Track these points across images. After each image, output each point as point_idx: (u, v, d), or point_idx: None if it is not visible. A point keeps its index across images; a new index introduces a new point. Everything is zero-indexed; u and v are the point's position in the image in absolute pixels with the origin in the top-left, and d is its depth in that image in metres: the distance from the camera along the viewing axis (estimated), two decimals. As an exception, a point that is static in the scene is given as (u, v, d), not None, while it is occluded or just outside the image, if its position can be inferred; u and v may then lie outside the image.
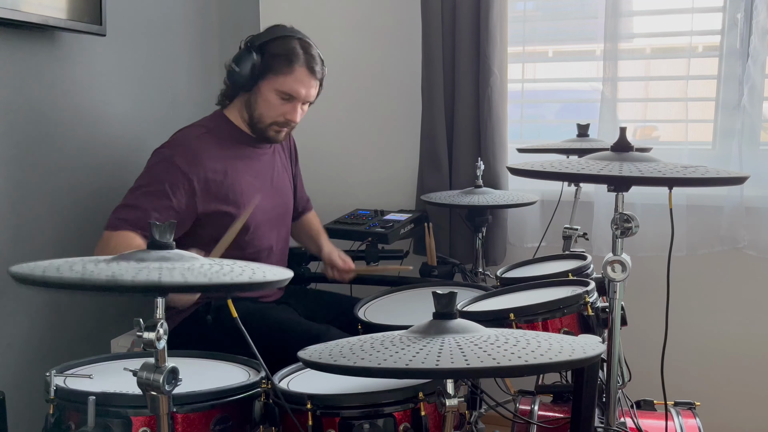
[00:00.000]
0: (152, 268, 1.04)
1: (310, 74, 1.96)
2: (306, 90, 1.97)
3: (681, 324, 2.19)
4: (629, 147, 1.45)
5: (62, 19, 1.83)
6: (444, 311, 1.17)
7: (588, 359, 1.05)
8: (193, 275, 1.03)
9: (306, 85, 1.96)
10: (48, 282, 0.99)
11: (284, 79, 1.93)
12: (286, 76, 1.93)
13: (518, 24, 2.59)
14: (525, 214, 2.55)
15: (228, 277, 1.05)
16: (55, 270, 1.01)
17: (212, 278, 1.03)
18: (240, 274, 1.09)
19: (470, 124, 2.50)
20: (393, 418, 1.30)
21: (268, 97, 1.95)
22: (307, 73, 1.95)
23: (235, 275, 1.07)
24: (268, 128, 1.99)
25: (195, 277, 1.03)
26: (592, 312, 1.53)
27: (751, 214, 2.32)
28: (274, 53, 1.94)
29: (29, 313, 1.90)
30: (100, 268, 1.03)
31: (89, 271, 1.01)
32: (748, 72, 2.27)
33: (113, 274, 0.99)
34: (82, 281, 0.98)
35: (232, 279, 1.05)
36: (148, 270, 1.03)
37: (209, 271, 1.06)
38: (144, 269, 1.03)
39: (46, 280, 0.99)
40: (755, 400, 2.42)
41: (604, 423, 1.57)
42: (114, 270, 1.01)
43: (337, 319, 2.00)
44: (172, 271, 1.03)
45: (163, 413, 1.09)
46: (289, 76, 1.93)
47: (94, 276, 0.98)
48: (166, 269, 1.04)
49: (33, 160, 1.89)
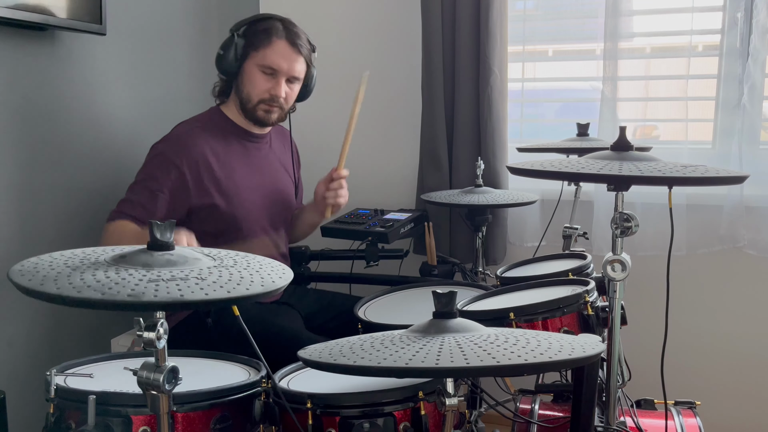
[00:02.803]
0: (163, 281, 1.03)
1: (291, 47, 1.98)
2: (288, 64, 1.98)
3: (681, 323, 2.19)
4: (629, 146, 1.45)
5: (62, 19, 1.83)
6: (444, 310, 1.17)
7: (588, 358, 1.05)
8: (190, 292, 1.01)
9: (287, 59, 1.97)
10: (66, 299, 0.99)
11: (264, 53, 1.96)
12: (266, 49, 1.96)
13: (518, 23, 2.59)
14: (525, 214, 2.55)
15: (224, 290, 1.04)
16: (73, 290, 1.00)
17: (209, 294, 1.02)
18: (237, 285, 1.07)
19: (470, 124, 2.50)
20: (393, 417, 1.29)
21: (252, 74, 1.98)
22: (287, 45, 1.97)
23: (231, 287, 1.05)
24: (256, 107, 2.01)
25: (192, 293, 1.01)
26: (592, 311, 1.53)
27: (751, 213, 2.32)
28: (255, 31, 1.98)
29: (29, 313, 1.90)
30: (104, 280, 1.02)
31: (105, 287, 1.00)
32: (748, 71, 2.27)
33: (134, 292, 0.99)
34: (102, 300, 0.98)
35: (229, 292, 1.03)
36: (167, 285, 1.02)
37: (206, 281, 1.05)
38: (159, 283, 1.02)
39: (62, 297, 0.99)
40: (755, 400, 2.42)
41: (604, 422, 1.57)
42: (122, 284, 1.01)
43: (337, 319, 2.00)
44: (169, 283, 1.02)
45: (163, 412, 1.09)
46: (269, 48, 1.96)
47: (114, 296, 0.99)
48: (163, 283, 1.02)
49: (33, 159, 1.90)
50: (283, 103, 2.03)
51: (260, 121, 2.03)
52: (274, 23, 1.99)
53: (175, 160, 1.89)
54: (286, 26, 2.00)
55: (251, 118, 2.03)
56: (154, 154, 1.93)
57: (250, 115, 2.02)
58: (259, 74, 1.97)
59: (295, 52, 1.99)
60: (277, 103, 2.01)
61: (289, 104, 2.06)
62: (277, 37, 1.97)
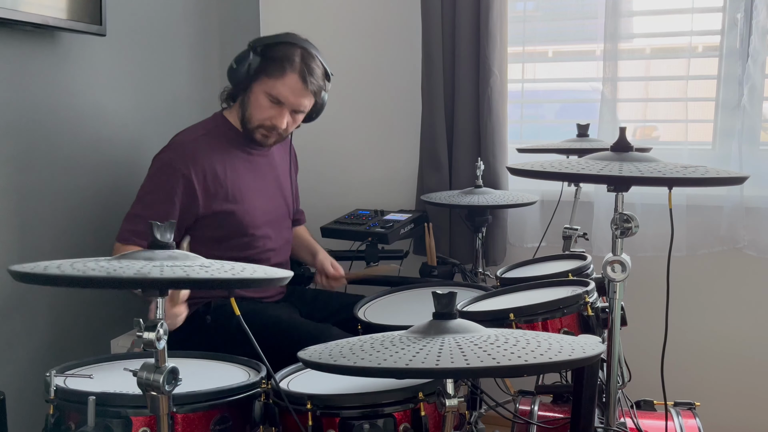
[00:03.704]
0: (154, 265, 1.05)
1: (301, 83, 1.94)
2: (295, 99, 1.95)
3: (681, 324, 2.19)
4: (629, 147, 1.45)
5: (62, 19, 1.84)
6: (444, 311, 1.16)
7: (588, 359, 1.05)
8: (195, 272, 1.04)
9: (295, 94, 1.94)
10: (51, 278, 1.00)
11: (274, 83, 1.93)
12: (277, 80, 1.93)
13: (518, 24, 2.59)
14: (525, 214, 2.55)
15: (229, 273, 1.07)
16: (56, 268, 1.02)
17: (213, 274, 1.04)
18: (241, 271, 1.10)
19: (470, 124, 2.50)
20: (393, 418, 1.30)
21: (258, 99, 1.95)
22: (298, 80, 1.93)
23: (236, 272, 1.08)
24: (255, 130, 1.99)
25: (197, 273, 1.03)
26: (592, 312, 1.53)
27: (751, 214, 2.32)
28: (272, 56, 1.94)
29: (29, 313, 1.90)
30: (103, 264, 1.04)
31: (111, 269, 1.02)
32: (748, 72, 2.27)
33: (140, 271, 1.01)
34: (108, 278, 0.99)
35: (234, 275, 1.06)
36: (151, 266, 1.04)
37: (210, 268, 1.07)
38: (164, 267, 1.04)
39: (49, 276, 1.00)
40: (755, 400, 2.42)
41: (604, 423, 1.57)
42: (126, 267, 1.03)
43: (337, 319, 2.00)
44: (174, 268, 1.04)
45: (163, 413, 1.09)
46: (279, 80, 1.92)
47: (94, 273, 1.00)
48: (167, 267, 1.05)
49: (33, 159, 1.90)
50: (283, 133, 2.01)
51: (257, 142, 2.02)
52: (293, 52, 1.93)
53: (183, 169, 1.87)
54: (304, 59, 1.94)
55: (248, 137, 2.02)
56: (160, 165, 1.90)
57: (248, 135, 2.01)
58: (265, 100, 1.95)
59: (304, 89, 1.95)
60: (276, 132, 2.00)
61: (288, 132, 2.04)
62: (291, 71, 1.92)
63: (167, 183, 1.86)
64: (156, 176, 1.90)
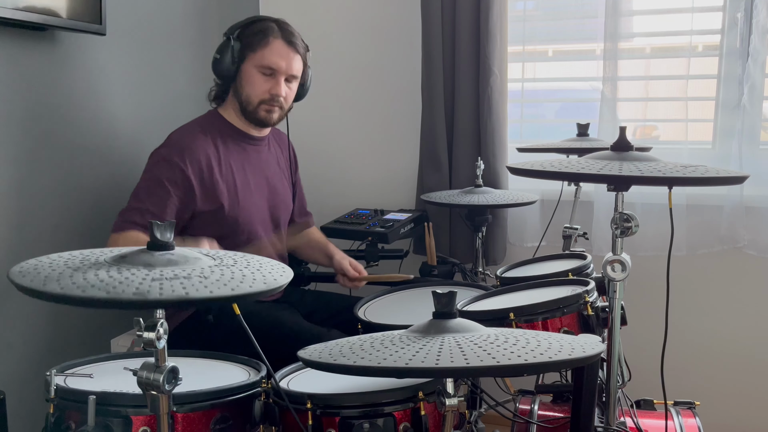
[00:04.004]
0: (166, 279, 1.03)
1: (287, 45, 1.99)
2: (286, 62, 1.99)
3: (681, 324, 2.19)
4: (629, 146, 1.45)
5: (62, 19, 1.83)
6: (444, 311, 1.16)
7: (588, 358, 1.05)
8: (194, 289, 1.01)
9: (285, 57, 1.99)
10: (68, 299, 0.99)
11: (262, 53, 1.97)
12: (264, 50, 1.97)
13: (518, 23, 2.59)
14: (525, 214, 2.55)
15: (228, 288, 1.04)
16: (77, 289, 0.99)
17: (213, 291, 1.02)
18: (263, 281, 1.08)
19: (470, 124, 2.50)
20: (393, 417, 1.30)
21: (251, 76, 1.99)
22: (284, 44, 1.99)
23: (234, 285, 1.05)
24: (257, 109, 2.01)
25: (196, 290, 1.01)
26: (592, 311, 1.53)
27: (751, 213, 2.32)
28: (251, 33, 1.99)
29: (29, 313, 1.90)
30: (109, 279, 1.02)
31: (110, 286, 1.00)
32: (748, 71, 2.27)
33: (139, 290, 0.99)
34: (108, 299, 0.97)
35: (233, 290, 1.04)
36: (171, 284, 1.02)
37: (228, 280, 1.06)
38: (163, 282, 1.02)
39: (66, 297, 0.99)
40: (755, 400, 2.42)
41: (604, 422, 1.57)
42: (126, 283, 1.01)
43: (337, 319, 2.00)
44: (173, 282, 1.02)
45: (163, 413, 1.09)
46: (266, 48, 1.97)
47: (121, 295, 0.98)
48: (185, 283, 1.02)
49: (33, 159, 1.90)
50: (283, 103, 2.03)
51: (262, 121, 2.04)
52: (269, 24, 2.01)
53: (180, 163, 1.88)
54: (281, 26, 2.01)
55: (252, 119, 2.03)
56: (157, 159, 1.91)
57: (252, 117, 2.03)
58: (258, 75, 1.98)
59: (292, 51, 2.00)
60: (277, 103, 2.02)
61: (288, 103, 2.07)
62: (274, 37, 1.98)
63: (163, 176, 1.87)
64: (152, 170, 1.90)
